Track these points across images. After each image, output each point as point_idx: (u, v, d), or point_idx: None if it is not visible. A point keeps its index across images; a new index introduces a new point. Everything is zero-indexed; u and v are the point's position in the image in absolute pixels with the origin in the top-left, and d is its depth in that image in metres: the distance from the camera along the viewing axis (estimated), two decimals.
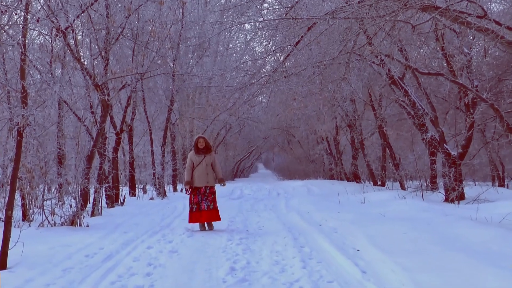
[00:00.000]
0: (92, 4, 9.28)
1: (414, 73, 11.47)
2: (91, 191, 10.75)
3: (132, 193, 15.68)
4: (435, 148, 11.78)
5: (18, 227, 7.39)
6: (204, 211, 7.91)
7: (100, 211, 10.18)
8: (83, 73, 10.06)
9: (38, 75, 11.11)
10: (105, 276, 4.93)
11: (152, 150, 17.36)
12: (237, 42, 23.78)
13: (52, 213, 8.39)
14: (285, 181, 29.32)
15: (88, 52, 10.68)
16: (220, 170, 8.25)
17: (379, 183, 18.02)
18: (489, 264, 4.78)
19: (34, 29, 10.54)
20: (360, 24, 8.39)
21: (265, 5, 11.16)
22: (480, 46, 12.73)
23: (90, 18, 9.66)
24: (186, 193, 8.13)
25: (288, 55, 9.56)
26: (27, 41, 7.37)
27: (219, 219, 8.06)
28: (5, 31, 7.13)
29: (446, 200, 10.83)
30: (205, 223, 8.02)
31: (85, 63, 10.38)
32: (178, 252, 6.09)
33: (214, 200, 8.02)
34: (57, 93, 9.53)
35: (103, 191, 10.97)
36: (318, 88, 11.38)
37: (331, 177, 25.89)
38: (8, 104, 8.34)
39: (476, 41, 12.31)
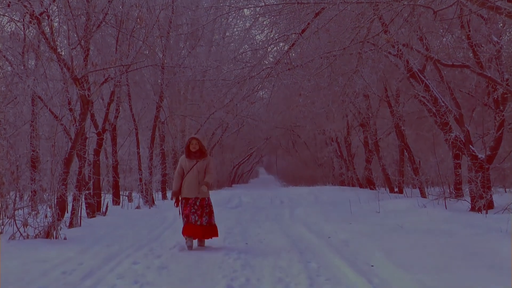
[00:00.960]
0: None
1: (436, 65, 11.47)
2: (69, 199, 10.74)
3: (116, 201, 15.69)
4: (460, 150, 11.77)
5: None
6: (192, 225, 7.40)
7: (79, 221, 10.18)
8: (60, 65, 10.07)
9: (9, 67, 11.12)
10: None
11: (138, 153, 17.37)
12: (235, 29, 23.80)
13: (25, 224, 8.37)
14: (289, 187, 29.34)
15: (65, 41, 10.68)
16: (212, 173, 7.57)
17: (396, 190, 18.01)
18: None
19: (4, 15, 10.62)
20: (374, 9, 8.39)
21: None
22: (511, 34, 12.73)
23: (68, 2, 9.67)
24: (175, 205, 7.68)
25: (293, 44, 9.57)
26: None
27: (215, 235, 7.56)
28: None
29: (473, 209, 10.83)
30: (196, 239, 7.58)
31: (62, 53, 10.38)
32: (168, 268, 6.08)
33: (209, 214, 7.50)
34: (31, 87, 9.53)
35: (83, 199, 10.97)
36: (326, 82, 11.39)
37: (342, 183, 25.94)
38: None
39: (507, 28, 12.31)
